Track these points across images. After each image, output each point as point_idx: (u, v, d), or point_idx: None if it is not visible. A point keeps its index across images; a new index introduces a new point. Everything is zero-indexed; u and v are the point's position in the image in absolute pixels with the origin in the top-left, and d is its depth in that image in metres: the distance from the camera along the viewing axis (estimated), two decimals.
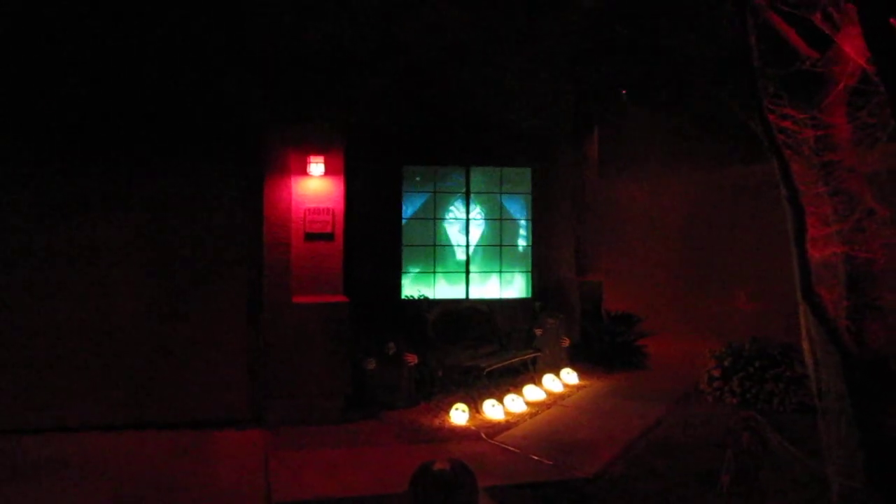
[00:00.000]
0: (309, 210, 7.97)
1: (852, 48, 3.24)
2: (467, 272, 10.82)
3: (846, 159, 3.29)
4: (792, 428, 7.24)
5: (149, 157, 7.77)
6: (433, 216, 10.77)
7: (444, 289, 10.70)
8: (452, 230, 10.88)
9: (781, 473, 6.18)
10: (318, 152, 7.92)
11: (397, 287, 10.48)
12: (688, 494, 5.96)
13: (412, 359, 8.69)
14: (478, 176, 10.95)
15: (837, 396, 3.54)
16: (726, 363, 9.26)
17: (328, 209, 8.01)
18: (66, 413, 7.44)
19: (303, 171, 7.92)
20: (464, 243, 10.83)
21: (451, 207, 10.86)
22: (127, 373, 7.64)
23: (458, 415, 7.99)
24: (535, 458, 6.91)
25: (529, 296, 11.12)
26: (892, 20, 2.83)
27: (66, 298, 7.56)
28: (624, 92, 11.34)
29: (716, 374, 9.34)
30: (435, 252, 10.74)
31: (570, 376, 9.88)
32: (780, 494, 5.82)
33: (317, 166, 7.91)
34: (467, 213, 10.83)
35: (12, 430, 7.23)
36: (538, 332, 10.30)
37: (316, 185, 7.98)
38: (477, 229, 10.98)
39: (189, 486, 6.10)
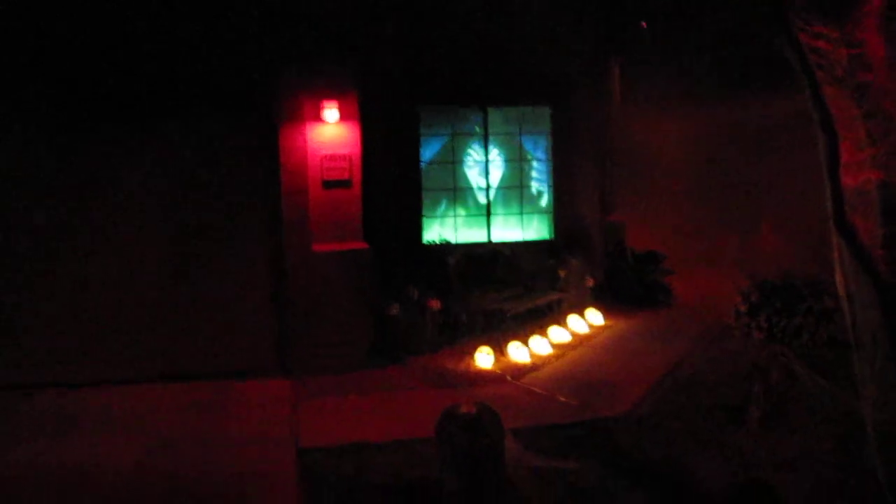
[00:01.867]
0: (325, 157, 7.86)
1: None
2: (488, 215, 10.68)
3: (881, 79, 3.11)
4: (822, 362, 7.15)
5: (162, 112, 7.65)
6: (452, 159, 10.60)
7: (465, 233, 10.59)
8: (472, 173, 10.72)
9: (811, 408, 6.11)
10: (331, 97, 7.76)
11: (418, 232, 10.39)
12: (717, 431, 5.91)
13: (435, 304, 8.64)
14: (496, 117, 10.73)
15: (872, 329, 3.42)
16: (753, 298, 9.13)
17: (345, 155, 7.89)
18: (99, 368, 7.49)
19: (317, 118, 7.79)
20: (484, 186, 10.68)
21: (470, 150, 10.69)
22: (155, 327, 7.66)
23: (483, 358, 7.96)
24: (562, 399, 6.88)
25: (552, 237, 10.98)
26: None
27: (97, 251, 7.59)
28: (644, 25, 11.02)
29: (743, 309, 9.21)
30: (455, 196, 10.60)
31: (595, 317, 9.80)
32: (811, 428, 5.75)
33: (331, 112, 7.76)
34: (486, 155, 10.66)
35: (49, 383, 7.31)
36: (562, 273, 10.19)
37: (331, 131, 7.85)
38: (497, 171, 10.81)
39: (218, 436, 6.15)
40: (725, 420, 6.06)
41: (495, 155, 10.74)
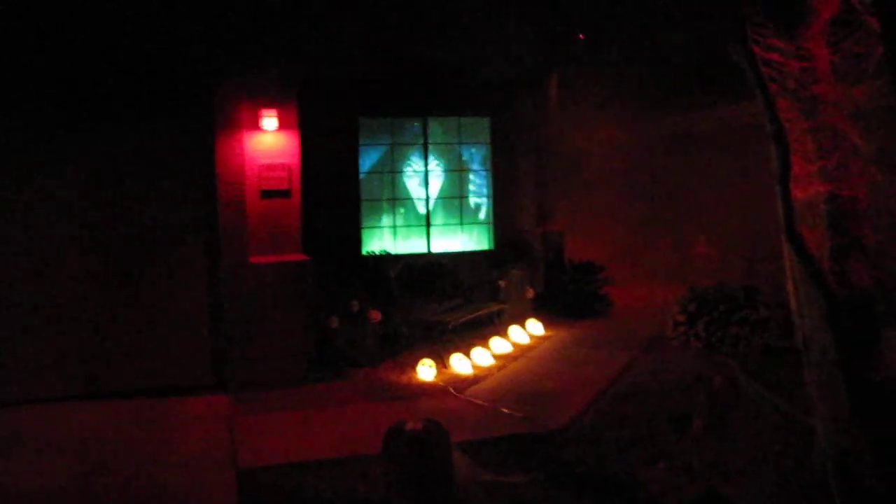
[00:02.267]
0: (263, 166, 7.68)
1: None
2: (428, 225, 10.62)
3: (831, 93, 3.15)
4: (759, 370, 7.26)
5: (91, 111, 7.34)
6: (391, 169, 10.51)
7: (404, 243, 10.51)
8: (412, 183, 10.64)
9: (753, 416, 6.19)
10: (270, 105, 7.60)
11: (357, 243, 10.26)
12: (660, 440, 5.92)
13: (376, 316, 8.51)
14: (436, 127, 10.70)
15: (822, 339, 3.45)
16: (691, 308, 9.25)
17: (284, 165, 7.72)
18: (17, 386, 7.12)
19: (255, 126, 7.60)
20: (423, 196, 10.61)
21: (410, 160, 10.62)
22: (79, 341, 7.33)
23: (426, 370, 7.86)
24: (506, 410, 6.82)
25: (492, 247, 10.98)
26: None
27: (6, 266, 7.17)
28: (582, 37, 11.10)
29: (680, 318, 9.33)
30: (395, 206, 10.51)
31: (535, 327, 9.81)
32: (753, 437, 5.81)
33: (270, 120, 7.59)
34: (426, 165, 10.59)
35: None
36: (502, 283, 10.19)
37: (270, 140, 7.68)
38: (437, 182, 10.76)
39: (153, 456, 5.89)
40: (670, 429, 6.08)
41: (435, 165, 10.69)
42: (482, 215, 11.04)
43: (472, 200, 11.00)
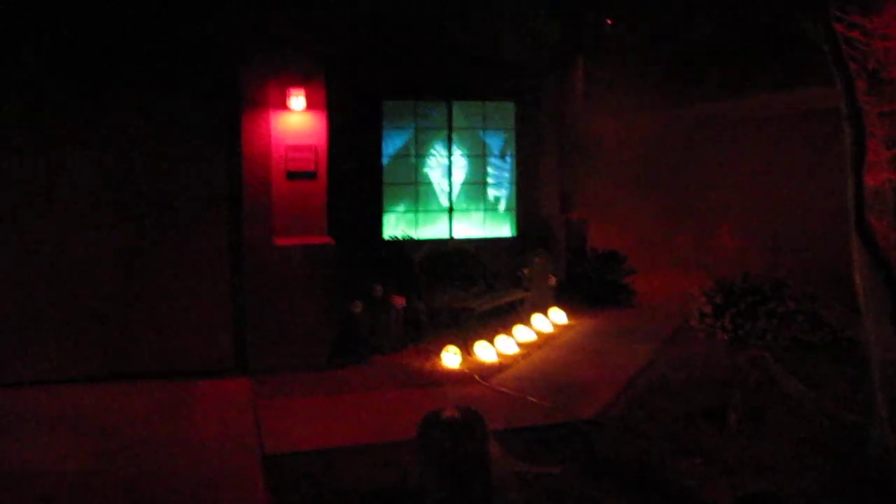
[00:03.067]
0: (290, 147, 7.53)
1: None
2: (450, 211, 10.47)
3: None
4: (788, 364, 7.13)
5: (116, 91, 7.20)
6: (415, 154, 10.36)
7: (427, 229, 10.36)
8: (435, 168, 10.49)
9: (789, 411, 6.06)
10: (298, 84, 7.43)
11: (379, 227, 10.12)
12: (695, 434, 5.80)
13: (399, 301, 8.40)
14: (460, 112, 10.52)
15: (884, 335, 3.31)
16: (717, 300, 9.08)
17: (310, 146, 7.58)
18: (40, 366, 7.02)
19: (282, 106, 7.45)
20: (446, 181, 10.46)
21: (433, 145, 10.45)
22: (101, 322, 7.22)
23: (450, 357, 7.75)
24: (534, 400, 6.71)
25: (514, 234, 10.83)
26: None
27: (32, 246, 7.06)
28: (609, 22, 10.94)
29: (706, 310, 9.13)
30: (417, 191, 10.36)
31: (558, 316, 9.68)
32: (790, 432, 5.68)
33: (297, 100, 7.43)
34: (449, 150, 10.43)
35: None
36: (525, 271, 10.06)
37: (297, 120, 7.53)
38: (460, 167, 10.60)
39: (175, 441, 5.77)
40: (704, 424, 5.95)
41: (458, 150, 10.53)
42: (505, 202, 10.89)
43: (495, 187, 10.84)
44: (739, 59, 10.93)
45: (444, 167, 10.46)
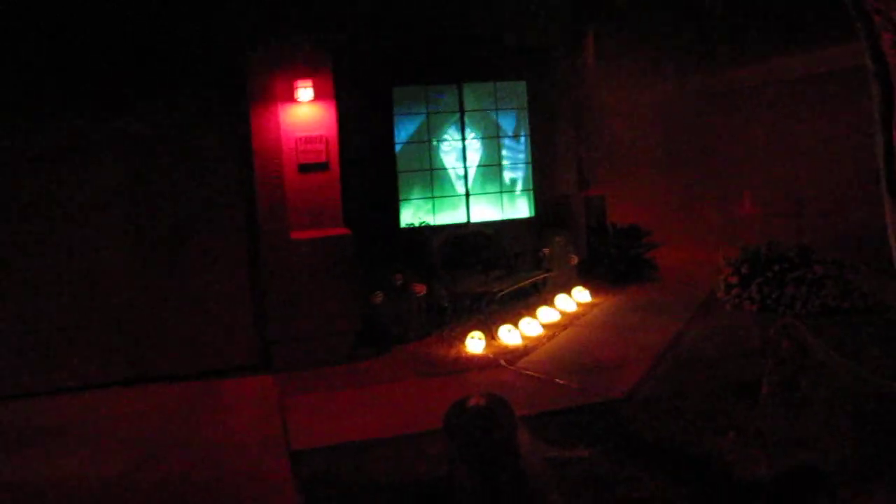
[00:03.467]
0: (300, 139, 7.45)
1: None
2: (467, 195, 10.35)
3: None
4: (818, 331, 6.96)
5: (127, 95, 7.15)
6: (427, 139, 10.24)
7: (444, 215, 10.25)
8: (448, 153, 10.36)
9: (824, 381, 5.90)
10: (305, 75, 7.33)
11: (395, 216, 10.02)
12: (727, 409, 5.67)
13: (420, 289, 8.32)
14: (471, 93, 10.37)
15: None
16: (743, 269, 8.95)
17: (321, 137, 7.49)
18: (64, 373, 7.02)
19: (290, 98, 7.36)
20: (461, 165, 10.33)
21: (446, 129, 10.32)
22: (124, 326, 7.21)
23: (474, 343, 7.66)
24: (561, 381, 6.61)
25: (533, 215, 10.70)
26: None
27: (52, 251, 7.03)
28: None
29: (733, 280, 9.04)
30: (432, 176, 10.24)
31: (581, 294, 9.56)
32: (826, 403, 5.53)
33: (305, 91, 7.34)
34: (463, 133, 10.30)
35: (6, 395, 6.81)
36: (546, 251, 9.94)
37: (305, 111, 7.43)
38: (474, 150, 10.46)
39: (204, 441, 5.74)
40: (736, 397, 5.82)
41: (471, 133, 10.40)
42: (521, 182, 10.74)
43: (511, 168, 10.70)
44: (754, 22, 10.68)
45: (458, 151, 10.33)
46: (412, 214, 10.06)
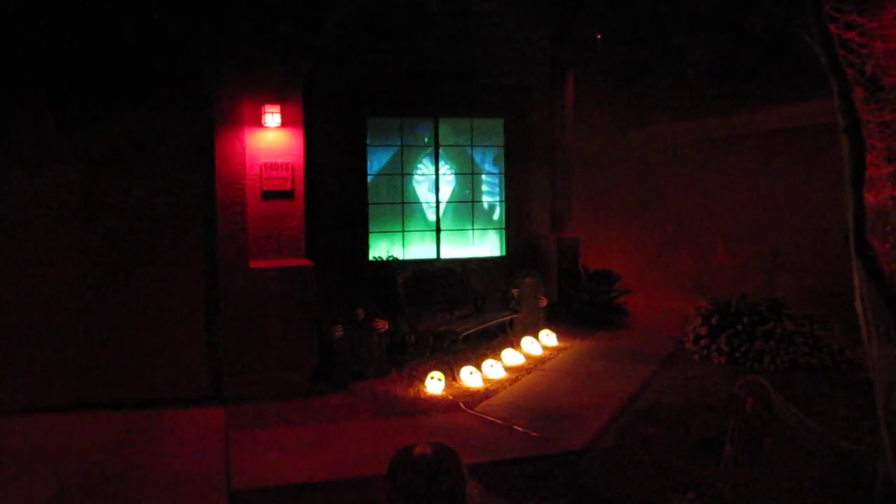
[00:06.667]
0: (265, 165, 7.25)
1: None
2: (438, 230, 10.19)
3: None
4: (786, 388, 6.82)
5: (84, 107, 6.93)
6: (401, 172, 10.09)
7: (414, 249, 10.08)
8: (422, 186, 10.22)
9: (788, 441, 5.74)
10: (273, 101, 7.15)
11: (364, 248, 9.84)
12: (689, 465, 5.48)
13: (383, 325, 8.10)
14: (447, 128, 10.27)
15: (891, 364, 3.01)
16: (713, 320, 8.81)
17: (287, 164, 7.29)
18: (2, 395, 6.70)
19: (257, 123, 7.17)
20: (434, 200, 10.18)
21: (420, 162, 10.19)
22: (68, 348, 6.91)
23: (434, 384, 7.43)
24: (520, 429, 6.38)
25: (504, 254, 10.55)
26: None
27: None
28: (599, 37, 10.71)
29: (702, 332, 8.90)
30: (403, 210, 10.08)
31: (549, 338, 9.37)
32: (789, 464, 5.37)
33: (272, 116, 7.16)
34: (437, 167, 10.17)
35: None
36: (515, 292, 9.76)
37: (272, 137, 7.25)
38: (447, 185, 10.34)
39: (140, 474, 5.46)
40: (698, 454, 5.63)
41: (446, 168, 10.28)
42: (494, 220, 10.61)
43: (485, 205, 10.57)
44: (733, 75, 10.70)
45: (432, 185, 10.19)
46: (381, 247, 9.87)
